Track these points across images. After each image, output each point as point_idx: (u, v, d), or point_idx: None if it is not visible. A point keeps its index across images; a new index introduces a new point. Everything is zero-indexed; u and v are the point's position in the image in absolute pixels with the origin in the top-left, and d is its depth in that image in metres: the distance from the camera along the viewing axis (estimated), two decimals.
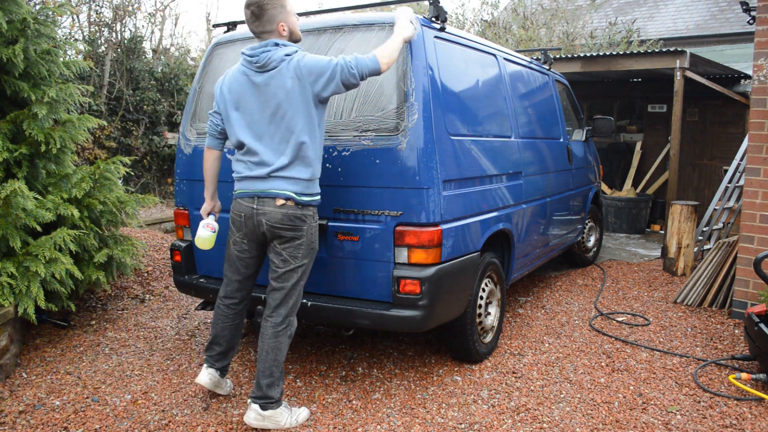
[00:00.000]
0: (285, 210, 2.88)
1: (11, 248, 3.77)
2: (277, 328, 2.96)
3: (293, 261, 2.94)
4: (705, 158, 9.13)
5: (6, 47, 3.92)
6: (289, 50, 2.86)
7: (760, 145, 4.45)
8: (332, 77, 2.82)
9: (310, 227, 2.95)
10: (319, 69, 2.81)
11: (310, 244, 2.98)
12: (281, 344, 2.97)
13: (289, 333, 3.00)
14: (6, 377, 3.54)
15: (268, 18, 2.85)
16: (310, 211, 2.96)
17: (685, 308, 5.03)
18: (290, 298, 2.98)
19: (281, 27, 2.89)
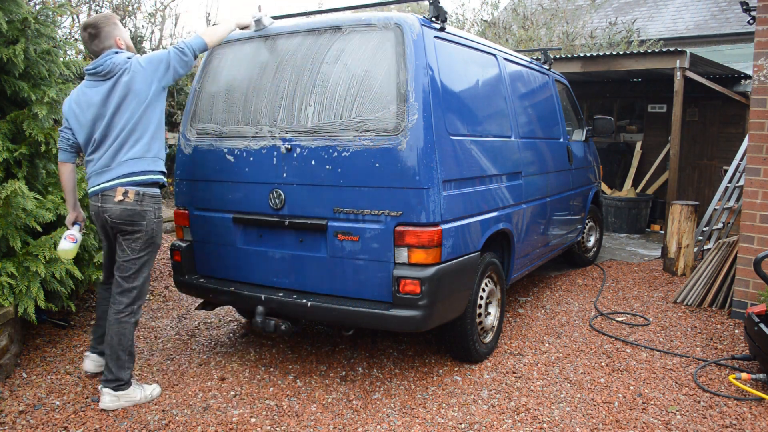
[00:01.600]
0: (124, 206, 3.14)
1: (11, 248, 3.77)
2: (118, 315, 3.20)
3: (131, 253, 3.19)
4: (705, 158, 9.13)
5: (6, 47, 3.92)
6: (129, 54, 3.20)
7: (760, 145, 4.45)
8: (168, 64, 3.19)
9: (150, 221, 3.18)
10: (157, 59, 3.16)
11: (151, 239, 3.21)
12: (125, 330, 3.19)
13: (132, 320, 3.23)
14: (6, 377, 3.54)
15: (104, 35, 3.18)
16: (151, 206, 3.18)
17: (685, 308, 5.03)
18: (131, 288, 3.22)
19: (118, 41, 3.22)
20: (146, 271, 3.26)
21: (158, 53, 3.18)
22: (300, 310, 3.39)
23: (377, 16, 3.36)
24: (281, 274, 3.57)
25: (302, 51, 3.52)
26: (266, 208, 3.54)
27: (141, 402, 3.24)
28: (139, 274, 3.21)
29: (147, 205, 3.16)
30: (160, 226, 3.24)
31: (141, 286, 3.24)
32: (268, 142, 3.51)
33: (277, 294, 3.50)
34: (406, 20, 3.27)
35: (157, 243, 3.24)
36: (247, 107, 3.64)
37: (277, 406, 3.26)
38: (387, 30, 3.27)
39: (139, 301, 3.26)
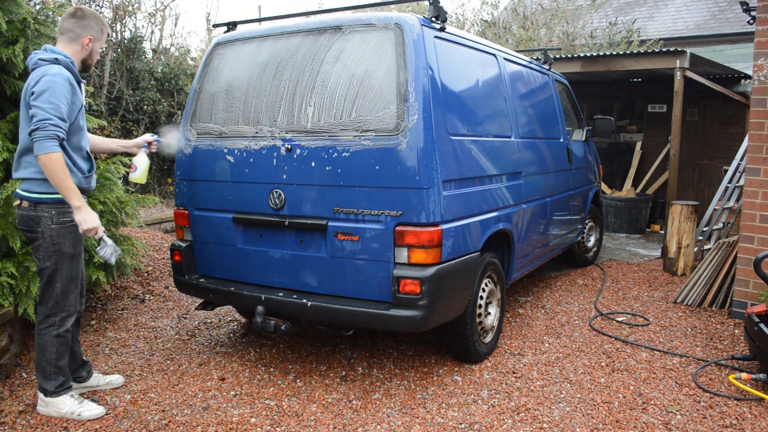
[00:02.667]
0: (21, 211, 2.97)
1: (11, 248, 3.77)
2: (39, 326, 3.02)
3: (38, 262, 3.00)
4: (705, 158, 9.13)
5: (6, 47, 3.92)
6: (47, 57, 2.89)
7: (760, 145, 4.45)
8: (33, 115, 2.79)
9: (47, 228, 2.92)
10: (37, 91, 2.79)
11: (52, 246, 2.94)
12: (45, 342, 3.00)
13: (53, 332, 3.00)
14: (6, 377, 3.54)
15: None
16: (46, 211, 2.92)
17: (685, 308, 5.03)
18: (46, 299, 3.01)
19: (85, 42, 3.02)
20: (59, 281, 2.99)
21: (38, 101, 2.79)
22: (300, 310, 3.39)
23: (377, 16, 3.36)
24: (281, 274, 3.57)
25: (302, 51, 3.52)
26: (266, 208, 3.54)
27: (66, 416, 3.05)
28: (50, 283, 2.99)
29: (41, 211, 2.93)
30: (60, 232, 2.95)
31: (56, 298, 2.99)
32: (268, 142, 3.51)
33: (277, 294, 3.50)
34: (406, 20, 3.27)
35: (64, 251, 2.97)
36: (247, 107, 3.64)
37: (277, 406, 3.26)
38: (387, 30, 3.27)
39: (61, 314, 3.02)
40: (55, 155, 2.74)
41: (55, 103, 2.77)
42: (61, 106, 2.80)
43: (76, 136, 2.99)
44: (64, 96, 2.82)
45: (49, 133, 2.73)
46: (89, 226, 2.87)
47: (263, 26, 3.95)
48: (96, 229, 2.90)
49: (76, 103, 2.92)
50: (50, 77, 2.80)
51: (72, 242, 2.99)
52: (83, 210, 2.86)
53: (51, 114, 2.75)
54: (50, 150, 2.73)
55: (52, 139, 2.73)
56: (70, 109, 2.88)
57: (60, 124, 2.78)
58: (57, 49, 2.95)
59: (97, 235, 2.92)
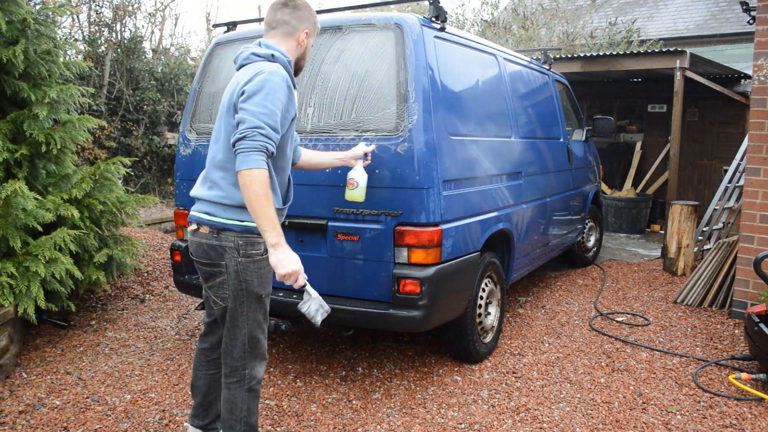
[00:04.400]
0: (198, 238, 2.43)
1: (11, 248, 3.77)
2: (227, 379, 2.47)
3: (219, 302, 2.46)
4: (705, 158, 9.13)
5: (6, 48, 3.92)
6: (262, 52, 2.39)
7: (760, 145, 4.45)
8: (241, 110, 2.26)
9: (232, 260, 2.36)
10: (249, 91, 2.26)
11: (239, 284, 2.38)
12: (236, 398, 2.44)
13: (245, 387, 2.44)
14: (6, 377, 3.54)
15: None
16: (232, 241, 2.35)
17: (685, 308, 5.03)
18: (231, 347, 2.45)
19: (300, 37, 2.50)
20: (246, 327, 2.42)
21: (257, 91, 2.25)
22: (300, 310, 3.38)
23: (377, 16, 3.36)
24: None
25: None
26: None
27: None
28: (235, 329, 2.43)
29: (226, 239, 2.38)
30: (249, 266, 2.38)
31: (245, 347, 2.43)
32: None
33: (276, 294, 3.50)
34: (406, 20, 3.27)
35: (252, 290, 2.39)
36: None
37: (277, 406, 3.26)
38: (387, 30, 3.27)
39: (251, 364, 2.45)
40: (260, 172, 2.16)
41: (270, 108, 2.22)
42: (276, 112, 2.24)
43: (281, 156, 2.42)
44: (280, 101, 2.26)
45: (259, 145, 2.18)
46: (288, 270, 2.24)
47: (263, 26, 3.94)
48: (297, 273, 2.28)
49: (290, 110, 2.36)
50: (267, 75, 2.26)
51: (260, 280, 2.40)
52: (280, 248, 2.23)
53: (263, 122, 2.20)
54: (256, 165, 2.16)
55: (260, 152, 2.18)
56: (284, 119, 2.32)
57: (272, 135, 2.22)
58: (273, 44, 2.43)
59: (297, 282, 2.31)
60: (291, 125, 2.41)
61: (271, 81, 2.25)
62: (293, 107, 2.38)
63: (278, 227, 2.23)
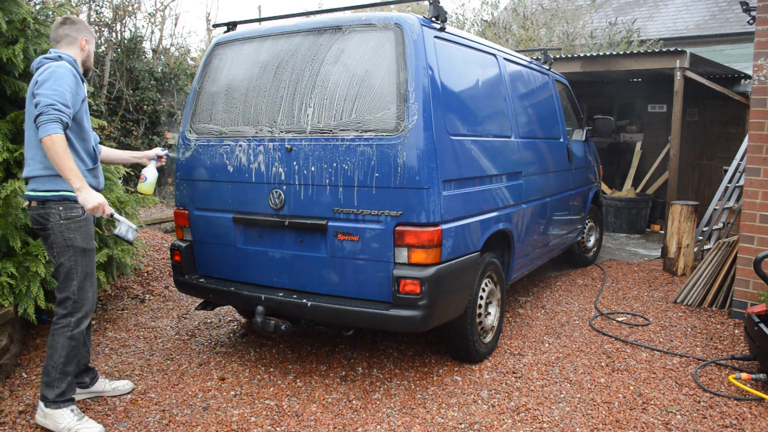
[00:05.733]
0: (31, 212, 2.96)
1: (11, 248, 3.77)
2: (53, 326, 2.96)
3: (53, 260, 2.99)
4: (705, 158, 9.13)
5: (6, 47, 3.92)
6: (51, 56, 2.93)
7: (760, 145, 4.45)
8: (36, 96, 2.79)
9: (56, 224, 2.91)
10: (40, 80, 2.80)
11: (64, 241, 2.92)
12: (56, 344, 2.92)
13: (67, 333, 2.93)
14: (6, 377, 3.54)
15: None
16: (54, 208, 2.90)
17: (685, 308, 5.03)
18: (62, 298, 2.96)
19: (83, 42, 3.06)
20: (75, 278, 2.97)
21: (42, 90, 2.78)
22: (300, 310, 3.39)
23: (377, 16, 3.36)
24: (281, 274, 3.57)
25: (302, 51, 3.53)
26: (266, 208, 3.54)
27: (62, 431, 2.90)
28: (66, 281, 2.96)
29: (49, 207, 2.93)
30: (70, 226, 2.93)
31: (74, 296, 2.96)
32: (268, 143, 3.51)
33: (277, 294, 3.50)
34: (406, 20, 3.27)
35: (76, 246, 2.95)
36: (247, 107, 3.65)
37: (277, 406, 3.26)
38: (387, 30, 3.27)
39: (78, 314, 2.97)
40: (57, 136, 2.69)
41: (58, 89, 2.76)
42: (65, 93, 2.78)
43: (80, 129, 2.98)
44: (67, 84, 2.81)
45: (53, 117, 2.70)
46: (93, 203, 2.78)
47: (263, 26, 3.95)
48: (102, 206, 2.81)
49: (80, 93, 2.92)
50: (53, 68, 2.83)
51: (83, 236, 2.97)
52: (84, 190, 2.77)
53: (54, 99, 2.73)
54: (53, 131, 2.68)
55: (55, 122, 2.70)
56: (75, 99, 2.86)
57: (64, 110, 2.75)
58: (60, 50, 3.00)
59: (105, 213, 2.84)
60: (83, 105, 2.97)
61: (57, 71, 2.81)
62: (82, 91, 2.96)
63: (79, 174, 2.75)
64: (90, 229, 3.02)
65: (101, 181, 3.16)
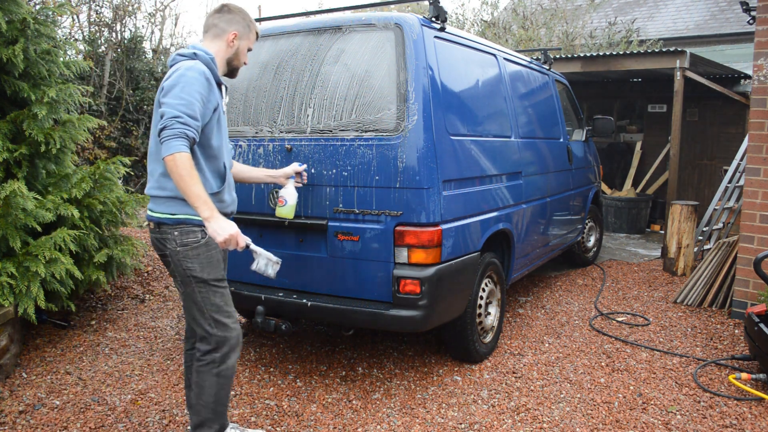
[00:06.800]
0: (151, 234, 2.62)
1: (11, 248, 3.77)
2: (197, 362, 2.59)
3: (178, 287, 2.64)
4: (705, 158, 9.12)
5: (6, 47, 3.92)
6: (186, 52, 2.54)
7: (760, 145, 4.45)
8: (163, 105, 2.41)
9: (173, 251, 2.51)
10: (167, 87, 2.42)
11: (183, 271, 2.52)
12: (204, 382, 2.56)
13: (213, 371, 2.55)
14: (6, 377, 3.54)
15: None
16: (169, 233, 2.51)
17: (685, 308, 5.03)
18: (201, 332, 2.59)
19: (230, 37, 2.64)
20: (205, 309, 2.56)
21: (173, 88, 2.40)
22: (300, 310, 3.39)
23: (377, 16, 3.36)
24: (281, 274, 3.55)
25: (302, 51, 3.53)
26: (266, 208, 3.54)
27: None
28: (194, 313, 2.59)
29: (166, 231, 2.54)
30: (187, 254, 2.53)
31: (211, 329, 2.57)
32: (268, 143, 3.51)
33: (277, 294, 3.50)
34: (406, 20, 3.27)
35: (196, 276, 2.54)
36: (247, 108, 3.64)
37: (277, 406, 3.26)
38: (387, 30, 3.27)
39: (223, 348, 2.57)
40: (182, 156, 2.28)
41: (186, 98, 2.36)
42: (193, 102, 2.37)
43: (208, 145, 2.54)
44: (197, 90, 2.39)
45: (177, 132, 2.30)
46: (225, 236, 2.36)
47: (263, 26, 3.95)
48: (234, 238, 2.40)
49: (211, 100, 2.49)
50: (183, 70, 2.41)
51: (202, 265, 2.52)
52: (213, 219, 2.34)
53: (180, 111, 2.33)
54: (176, 150, 2.28)
55: (179, 138, 2.30)
56: (205, 108, 2.44)
57: (190, 123, 2.34)
58: (199, 45, 2.59)
59: (239, 245, 2.45)
60: (214, 114, 2.53)
61: (186, 75, 2.41)
62: (214, 98, 2.51)
63: (208, 202, 2.35)
64: (213, 256, 2.57)
65: (230, 203, 2.72)
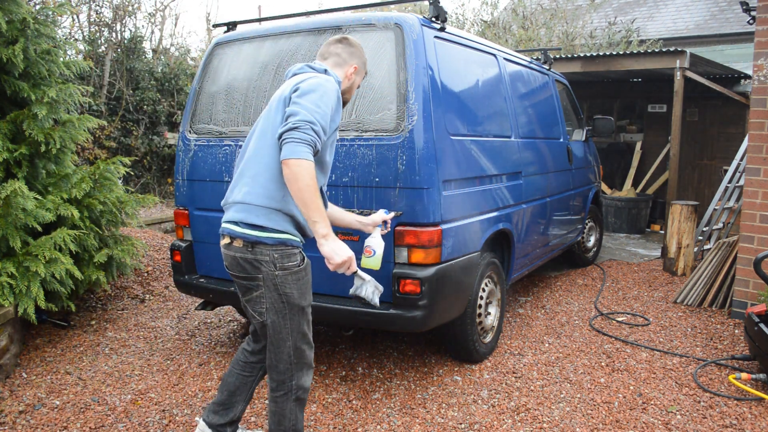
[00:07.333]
0: (232, 252, 2.40)
1: (11, 248, 3.77)
2: (273, 393, 2.44)
3: (258, 317, 2.44)
4: (705, 158, 9.12)
5: (6, 47, 3.92)
6: (317, 67, 2.46)
7: (760, 145, 4.45)
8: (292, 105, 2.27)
9: (269, 274, 2.32)
10: (304, 89, 2.29)
11: (279, 297, 2.34)
12: (284, 410, 2.42)
13: (293, 398, 2.41)
14: (6, 377, 3.54)
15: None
16: (267, 254, 2.31)
17: (685, 308, 5.03)
18: (276, 361, 2.42)
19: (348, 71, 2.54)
20: (290, 339, 2.39)
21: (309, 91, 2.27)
22: None
23: (377, 16, 3.36)
24: None
25: (302, 51, 3.52)
26: None
27: None
28: (279, 343, 2.40)
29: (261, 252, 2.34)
30: (287, 279, 2.35)
31: (290, 360, 2.40)
32: None
33: None
34: (406, 20, 3.27)
35: (293, 302, 2.37)
36: (247, 108, 3.64)
37: None
38: (387, 30, 3.27)
39: (297, 376, 2.42)
40: (309, 164, 2.12)
41: (322, 108, 2.22)
42: (327, 113, 2.24)
43: (321, 162, 2.40)
44: (330, 106, 2.27)
45: (309, 138, 2.14)
46: (343, 258, 2.25)
47: (263, 26, 3.95)
48: (348, 262, 2.29)
49: (336, 119, 2.36)
50: (322, 80, 2.31)
51: (299, 291, 2.37)
52: (331, 238, 2.22)
53: (315, 118, 2.18)
54: (304, 156, 2.11)
55: (309, 145, 2.14)
56: (331, 124, 2.32)
57: (321, 134, 2.20)
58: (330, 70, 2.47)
59: (350, 270, 2.32)
60: (333, 134, 2.42)
61: (325, 86, 2.29)
62: (338, 117, 2.41)
63: (327, 219, 2.23)
64: (309, 281, 2.44)
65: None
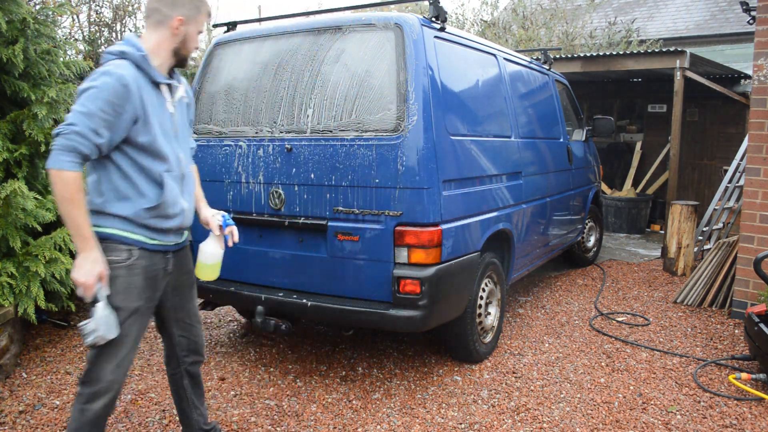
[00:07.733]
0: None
1: (11, 248, 3.77)
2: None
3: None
4: (705, 158, 9.13)
5: (6, 47, 3.92)
6: (114, 50, 2.21)
7: (760, 145, 4.45)
8: None
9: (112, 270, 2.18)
10: (79, 90, 2.12)
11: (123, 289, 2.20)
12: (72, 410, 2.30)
13: (78, 406, 2.24)
14: (6, 377, 3.54)
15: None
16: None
17: (685, 308, 5.03)
18: None
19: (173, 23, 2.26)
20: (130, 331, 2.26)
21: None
22: (300, 310, 3.39)
23: (377, 16, 3.36)
24: (281, 274, 3.56)
25: (302, 51, 3.53)
26: (266, 208, 3.54)
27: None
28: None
29: None
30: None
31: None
32: (268, 143, 3.51)
33: (276, 294, 3.50)
34: (406, 20, 3.27)
35: (116, 304, 2.18)
36: (247, 108, 3.64)
37: (277, 406, 3.26)
38: (387, 30, 3.27)
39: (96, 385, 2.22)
40: (69, 175, 1.99)
41: (90, 109, 2.04)
42: (97, 113, 2.04)
43: (145, 155, 2.20)
44: (106, 101, 2.06)
45: (70, 144, 2.01)
46: (81, 278, 2.06)
47: (263, 26, 3.95)
48: (88, 286, 2.07)
49: (128, 110, 2.11)
50: (97, 75, 2.11)
51: (116, 290, 2.19)
52: (83, 254, 2.07)
53: (80, 121, 2.03)
54: (63, 166, 1.99)
55: (69, 152, 2.01)
56: (118, 120, 2.09)
57: (89, 136, 2.03)
58: (134, 40, 2.21)
59: (86, 294, 2.08)
60: (146, 124, 2.17)
61: (98, 81, 2.08)
62: (132, 108, 2.12)
63: (86, 232, 2.07)
64: (132, 282, 2.23)
65: (176, 220, 2.32)
